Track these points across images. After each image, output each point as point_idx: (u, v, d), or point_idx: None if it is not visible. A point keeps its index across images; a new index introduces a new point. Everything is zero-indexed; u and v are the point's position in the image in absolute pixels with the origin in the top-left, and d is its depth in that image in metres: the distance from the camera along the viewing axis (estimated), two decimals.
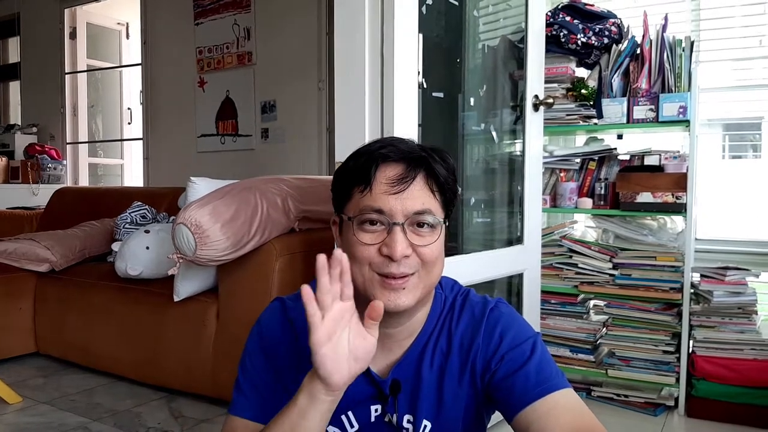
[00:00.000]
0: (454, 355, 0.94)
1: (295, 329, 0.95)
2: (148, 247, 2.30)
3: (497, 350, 0.90)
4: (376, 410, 0.95)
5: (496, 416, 1.01)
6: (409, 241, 0.85)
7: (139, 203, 2.81)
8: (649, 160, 2.27)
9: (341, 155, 1.67)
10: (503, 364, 0.89)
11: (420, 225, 0.86)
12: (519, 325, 0.94)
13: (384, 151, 0.87)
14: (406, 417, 0.95)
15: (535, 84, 2.09)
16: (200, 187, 2.05)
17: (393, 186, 0.85)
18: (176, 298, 2.14)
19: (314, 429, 0.80)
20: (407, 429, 0.95)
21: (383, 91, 1.56)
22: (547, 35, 2.21)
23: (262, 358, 0.95)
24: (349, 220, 0.87)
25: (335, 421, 0.93)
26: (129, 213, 2.75)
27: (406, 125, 1.57)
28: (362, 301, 0.87)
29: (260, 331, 0.98)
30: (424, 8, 1.69)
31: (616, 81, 2.28)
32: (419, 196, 0.86)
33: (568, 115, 2.33)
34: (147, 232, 2.36)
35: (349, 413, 0.94)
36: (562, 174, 2.41)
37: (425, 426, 0.94)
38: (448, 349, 0.94)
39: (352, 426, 0.95)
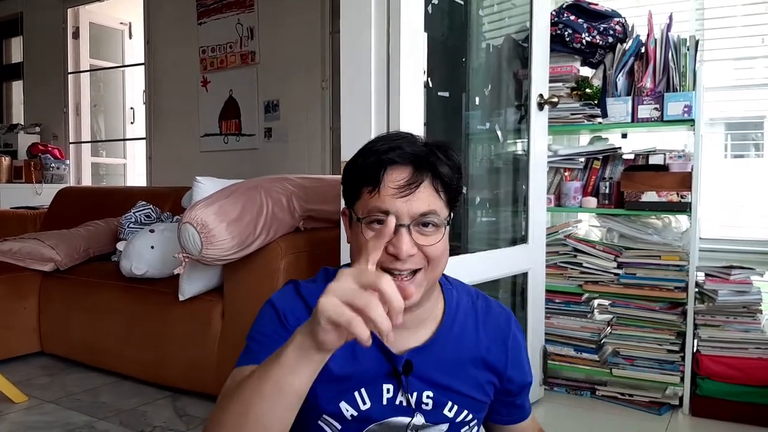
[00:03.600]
0: (480, 353, 1.02)
1: (308, 305, 0.94)
2: (153, 247, 2.31)
3: (513, 378, 1.06)
4: (388, 390, 0.96)
5: None
6: (414, 241, 0.88)
7: (144, 203, 2.82)
8: (654, 159, 2.27)
9: (347, 155, 1.68)
10: (511, 385, 1.07)
11: (425, 225, 0.89)
12: (527, 357, 1.12)
13: (392, 155, 0.89)
14: (426, 393, 0.97)
15: (539, 83, 2.10)
16: (206, 186, 2.05)
17: (400, 190, 0.88)
18: (181, 298, 2.14)
19: (302, 386, 0.75)
20: (426, 404, 0.97)
21: (389, 90, 1.56)
22: (551, 34, 2.21)
23: (271, 324, 0.94)
24: (359, 220, 0.90)
25: (348, 397, 0.95)
26: (133, 212, 2.76)
27: (412, 124, 1.57)
28: None
29: (271, 302, 0.96)
30: (429, 7, 1.70)
31: (621, 80, 2.28)
32: (425, 198, 0.89)
33: (572, 114, 2.32)
34: (152, 231, 2.37)
35: (362, 390, 0.96)
36: (566, 173, 2.41)
37: (452, 406, 1.00)
38: (473, 346, 1.01)
39: (364, 403, 0.96)
